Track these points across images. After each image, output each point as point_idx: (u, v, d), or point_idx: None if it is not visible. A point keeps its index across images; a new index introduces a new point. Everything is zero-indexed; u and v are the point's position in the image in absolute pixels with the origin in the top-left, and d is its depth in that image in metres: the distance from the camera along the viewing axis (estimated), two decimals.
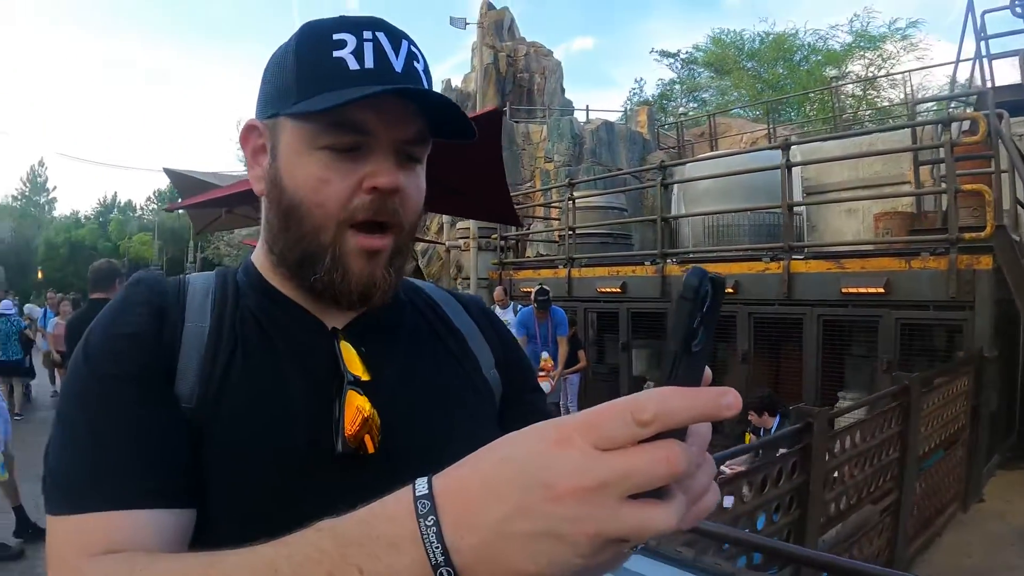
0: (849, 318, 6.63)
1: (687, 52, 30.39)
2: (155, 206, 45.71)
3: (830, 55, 25.80)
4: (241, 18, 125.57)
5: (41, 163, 55.99)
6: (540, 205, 13.16)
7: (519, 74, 19.52)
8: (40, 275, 36.39)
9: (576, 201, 11.02)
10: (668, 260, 8.43)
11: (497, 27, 19.76)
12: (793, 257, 6.96)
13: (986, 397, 5.72)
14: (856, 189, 9.25)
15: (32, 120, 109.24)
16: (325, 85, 0.73)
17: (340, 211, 0.76)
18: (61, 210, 54.58)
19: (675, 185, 11.13)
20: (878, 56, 24.43)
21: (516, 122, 16.52)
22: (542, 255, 12.76)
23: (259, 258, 0.88)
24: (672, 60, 30.45)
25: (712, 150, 14.10)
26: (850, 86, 21.72)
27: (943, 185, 6.32)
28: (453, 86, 18.83)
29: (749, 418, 5.19)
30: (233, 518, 0.70)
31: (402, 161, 0.78)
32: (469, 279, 12.61)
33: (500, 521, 0.44)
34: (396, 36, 0.78)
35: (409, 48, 0.78)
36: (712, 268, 5.43)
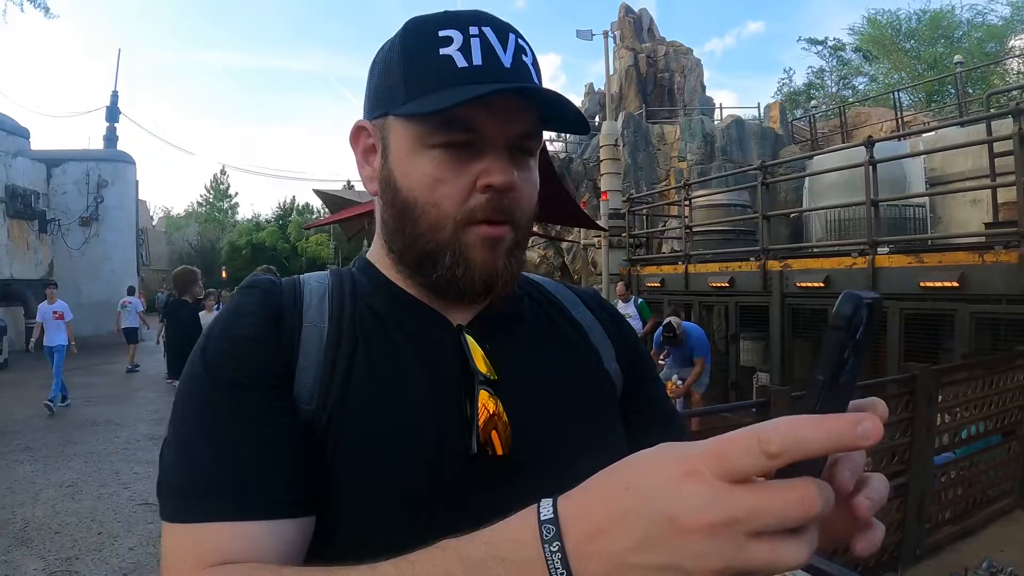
0: (929, 312, 6.69)
1: (834, 39, 28.95)
2: (326, 212, 46.97)
3: (991, 30, 23.75)
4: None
5: (223, 171, 57.63)
6: (667, 204, 13.58)
7: (659, 74, 19.79)
8: (224, 274, 38.46)
9: (699, 199, 11.45)
10: (769, 256, 8.68)
11: (636, 28, 20.14)
12: (878, 252, 7.09)
13: None
14: (978, 179, 8.92)
15: (218, 133, 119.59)
16: (433, 84, 0.73)
17: (457, 210, 0.76)
18: (243, 214, 56.22)
19: (807, 179, 11.24)
20: None
21: (652, 123, 16.91)
22: (676, 251, 13.19)
23: (377, 256, 0.87)
24: (820, 48, 29.14)
25: (843, 142, 13.76)
26: (1016, 62, 19.93)
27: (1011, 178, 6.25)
28: (596, 89, 19.47)
29: None
30: (355, 522, 0.70)
31: (515, 156, 0.77)
32: (602, 275, 13.28)
33: (624, 551, 0.43)
34: (503, 30, 0.76)
35: (517, 42, 0.76)
36: (802, 264, 6.10)
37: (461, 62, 0.72)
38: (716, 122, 16.67)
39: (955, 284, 6.23)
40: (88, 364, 14.60)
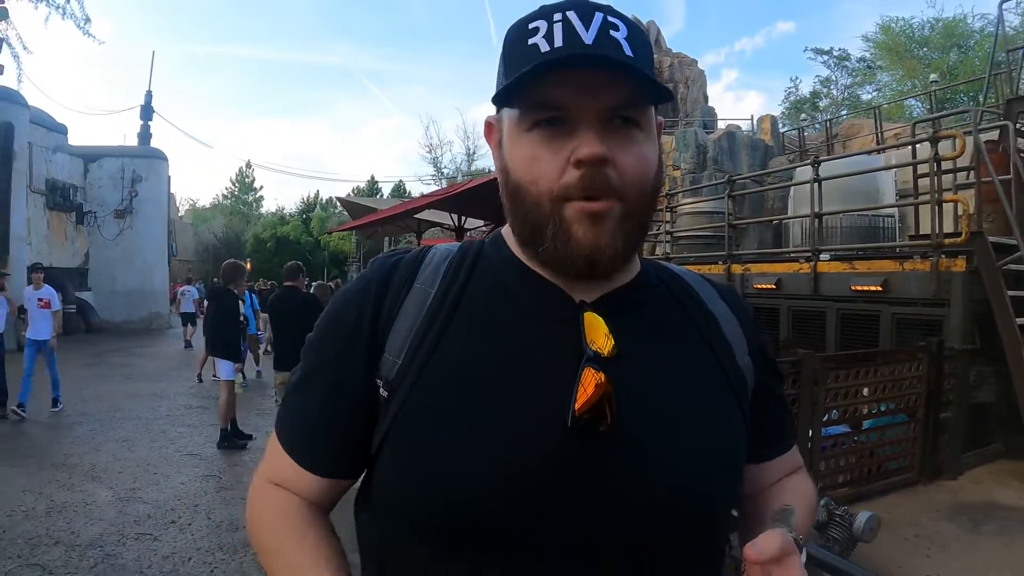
0: (859, 312, 7.68)
1: (840, 50, 29.54)
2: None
3: (1002, 39, 24.31)
4: (444, 22, 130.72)
5: (248, 165, 58.56)
6: (667, 208, 14.64)
7: (664, 84, 20.72)
8: (248, 266, 39.56)
9: (685, 206, 12.50)
10: (733, 260, 9.73)
11: None
12: (820, 259, 8.11)
13: (961, 385, 6.63)
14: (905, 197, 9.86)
15: (243, 125, 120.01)
16: (522, 71, 0.75)
17: (553, 186, 0.78)
18: (267, 207, 57.36)
19: (791, 188, 12.22)
20: None
21: None
22: (668, 253, 14.23)
23: (508, 233, 0.92)
24: (826, 58, 29.83)
25: (829, 154, 14.72)
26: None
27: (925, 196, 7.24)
28: None
29: None
30: (421, 475, 0.77)
31: (613, 129, 0.78)
32: None
33: None
34: (588, 10, 0.78)
35: (605, 19, 0.78)
36: (759, 268, 7.35)
37: (544, 47, 0.76)
38: (709, 133, 17.63)
39: (879, 288, 7.23)
40: (123, 347, 15.95)
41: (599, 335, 0.79)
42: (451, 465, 0.75)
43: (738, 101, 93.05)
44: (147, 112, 24.79)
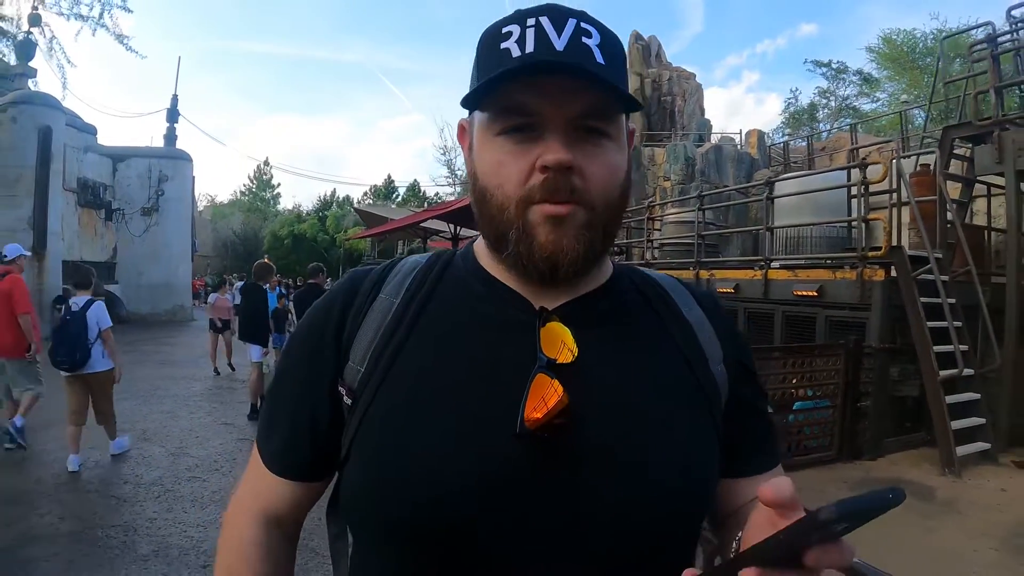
0: (800, 314, 8.82)
1: (838, 62, 30.34)
2: (371, 201, 48.27)
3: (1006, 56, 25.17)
4: (463, 19, 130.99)
5: (266, 162, 59.17)
6: (643, 219, 15.80)
7: (663, 97, 21.94)
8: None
9: (670, 216, 13.66)
10: (701, 267, 10.91)
11: (645, 55, 22.29)
12: (771, 267, 9.27)
13: (880, 379, 7.75)
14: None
15: (261, 122, 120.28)
16: (491, 75, 0.76)
17: (518, 191, 0.79)
18: (284, 204, 58.75)
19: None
20: None
21: (646, 145, 19.12)
22: (653, 259, 15.40)
23: (479, 242, 0.93)
24: (825, 69, 30.71)
25: (808, 168, 15.81)
26: None
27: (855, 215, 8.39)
28: None
29: None
30: (366, 482, 0.80)
31: (580, 136, 0.79)
32: None
33: None
34: (561, 16, 0.78)
35: (578, 25, 0.78)
36: (723, 274, 8.73)
37: (516, 52, 0.76)
38: (698, 147, 18.74)
39: (816, 293, 8.38)
40: (152, 337, 17.32)
41: (557, 342, 0.79)
42: (410, 471, 0.76)
43: (759, 104, 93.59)
44: (173, 115, 26.11)
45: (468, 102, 0.82)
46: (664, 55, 23.53)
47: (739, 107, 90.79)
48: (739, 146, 19.53)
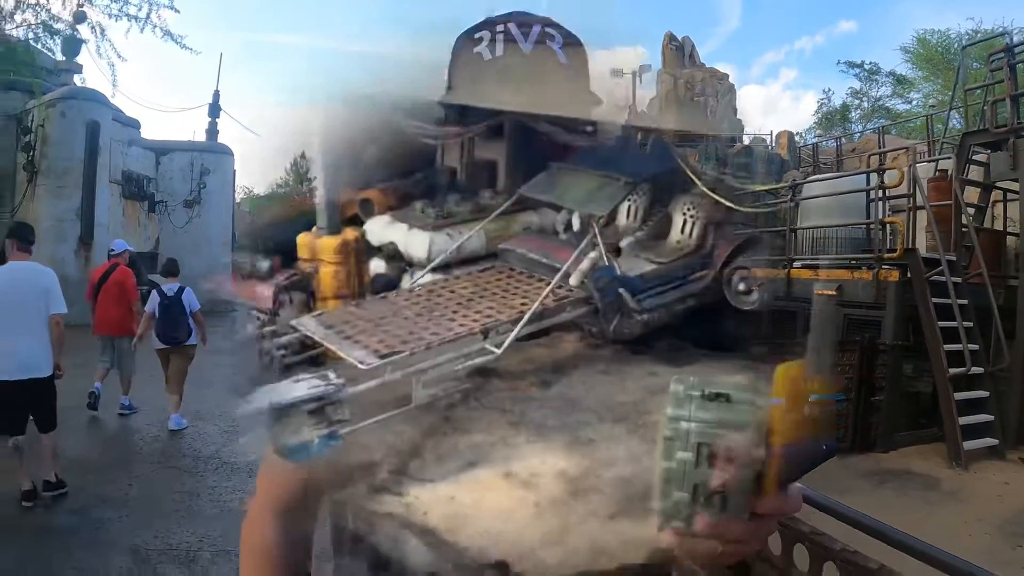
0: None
1: (871, 63, 30.19)
2: None
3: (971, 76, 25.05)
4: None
5: (303, 155, 61.73)
6: None
7: (696, 98, 22.13)
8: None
9: None
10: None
11: (679, 56, 22.55)
12: (793, 266, 9.60)
13: (893, 375, 8.05)
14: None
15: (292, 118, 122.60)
16: (467, 78, 0.88)
17: None
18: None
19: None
20: None
21: (677, 146, 19.26)
22: None
23: None
24: (858, 70, 30.55)
25: (837, 170, 15.97)
26: None
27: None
28: (639, 111, 21.88)
29: None
30: None
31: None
32: None
33: None
34: (528, 23, 0.88)
35: (542, 30, 0.88)
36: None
37: (487, 56, 0.87)
38: (728, 147, 18.92)
39: (835, 293, 8.69)
40: None
41: None
42: None
43: (795, 101, 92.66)
44: (214, 110, 26.87)
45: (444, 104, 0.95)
46: (697, 55, 23.71)
47: (776, 104, 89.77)
48: (770, 147, 19.68)
